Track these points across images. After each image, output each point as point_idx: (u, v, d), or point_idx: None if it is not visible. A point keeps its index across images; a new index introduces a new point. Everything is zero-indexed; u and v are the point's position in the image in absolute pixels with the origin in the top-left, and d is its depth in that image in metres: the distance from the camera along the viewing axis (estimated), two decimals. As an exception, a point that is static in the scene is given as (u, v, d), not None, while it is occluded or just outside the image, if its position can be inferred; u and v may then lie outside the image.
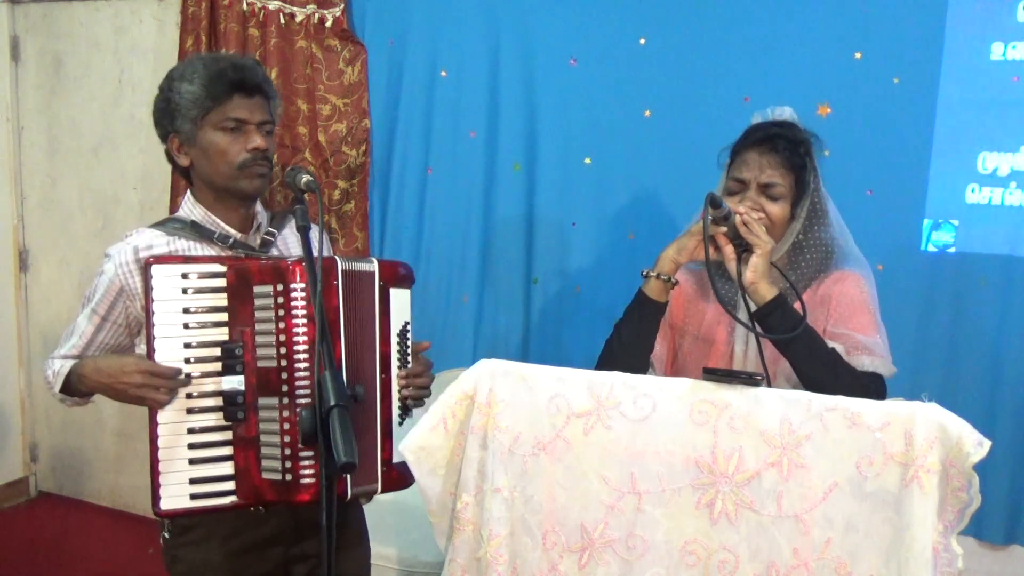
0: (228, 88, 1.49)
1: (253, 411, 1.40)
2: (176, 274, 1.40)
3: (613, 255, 2.51)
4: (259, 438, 1.39)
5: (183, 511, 1.40)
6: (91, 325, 1.54)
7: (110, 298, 1.52)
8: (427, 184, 2.71)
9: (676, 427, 1.24)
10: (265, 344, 1.39)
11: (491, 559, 1.28)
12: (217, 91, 1.49)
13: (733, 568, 1.21)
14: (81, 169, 3.37)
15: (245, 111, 1.51)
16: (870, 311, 1.54)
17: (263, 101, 1.54)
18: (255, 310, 1.40)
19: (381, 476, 1.49)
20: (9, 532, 3.34)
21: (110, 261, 1.51)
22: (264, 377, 1.39)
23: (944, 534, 1.13)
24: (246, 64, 1.53)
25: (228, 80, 1.49)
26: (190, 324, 1.40)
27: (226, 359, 1.40)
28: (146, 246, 1.51)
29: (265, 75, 1.57)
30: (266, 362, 1.39)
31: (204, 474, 1.40)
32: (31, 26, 3.38)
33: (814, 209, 1.58)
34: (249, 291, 1.40)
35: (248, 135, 1.51)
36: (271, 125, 1.56)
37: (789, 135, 1.56)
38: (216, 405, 1.41)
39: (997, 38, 2.13)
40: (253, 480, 1.39)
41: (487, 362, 1.32)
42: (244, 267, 1.42)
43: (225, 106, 1.50)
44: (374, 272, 1.51)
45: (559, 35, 2.50)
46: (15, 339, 3.56)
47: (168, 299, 1.39)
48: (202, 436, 1.40)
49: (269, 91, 1.56)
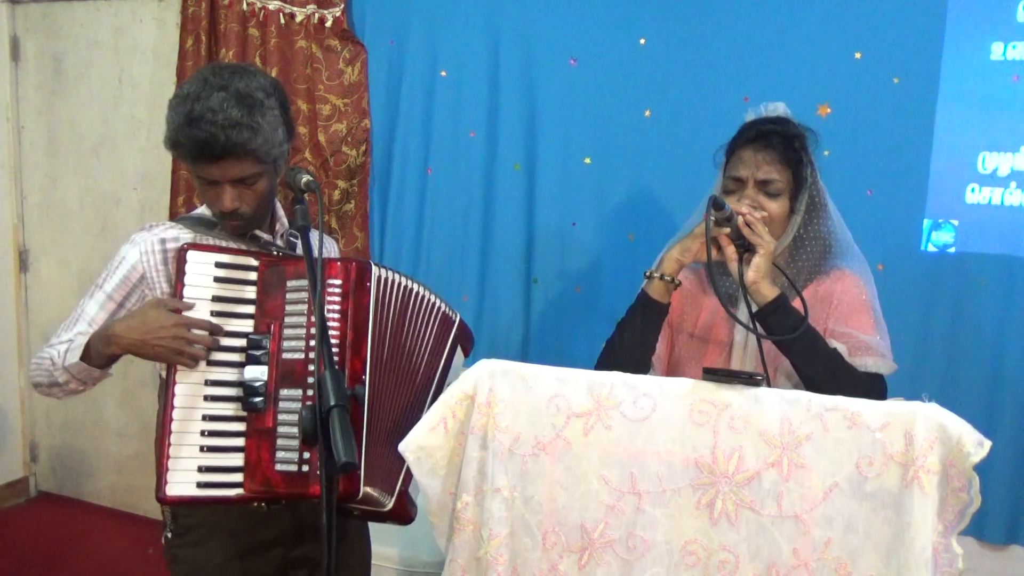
0: (190, 156, 1.42)
1: (273, 402, 1.40)
2: (210, 262, 1.42)
3: (613, 255, 2.51)
4: (276, 429, 1.39)
5: (188, 499, 1.39)
6: (103, 312, 1.50)
7: (129, 285, 1.51)
8: (427, 184, 2.71)
9: (676, 427, 1.24)
10: (294, 336, 1.40)
11: (491, 559, 1.28)
12: (181, 155, 1.44)
13: (733, 568, 1.21)
14: (81, 169, 3.37)
15: (215, 172, 1.42)
16: (871, 310, 1.54)
17: (238, 160, 1.41)
18: (286, 303, 1.41)
19: (396, 496, 1.49)
20: (9, 532, 3.34)
21: (134, 248, 1.50)
22: (289, 369, 1.40)
23: (944, 534, 1.13)
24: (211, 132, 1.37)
25: (188, 151, 1.41)
26: (216, 312, 1.42)
27: (251, 349, 1.42)
28: (173, 238, 1.51)
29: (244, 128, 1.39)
30: (292, 354, 1.40)
31: (214, 463, 1.39)
32: (31, 26, 3.38)
33: (813, 202, 1.58)
34: (282, 285, 1.42)
35: (221, 194, 1.44)
36: (255, 175, 1.45)
37: (783, 130, 1.56)
38: (234, 395, 1.42)
39: (997, 38, 2.13)
40: (265, 471, 1.39)
41: (487, 362, 1.32)
42: (278, 261, 1.45)
43: (196, 164, 1.43)
44: (455, 322, 1.65)
45: (559, 35, 2.50)
46: (15, 339, 3.56)
47: (199, 285, 1.41)
48: (216, 424, 1.40)
49: (248, 146, 1.40)
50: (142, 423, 3.37)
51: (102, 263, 1.56)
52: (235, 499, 1.40)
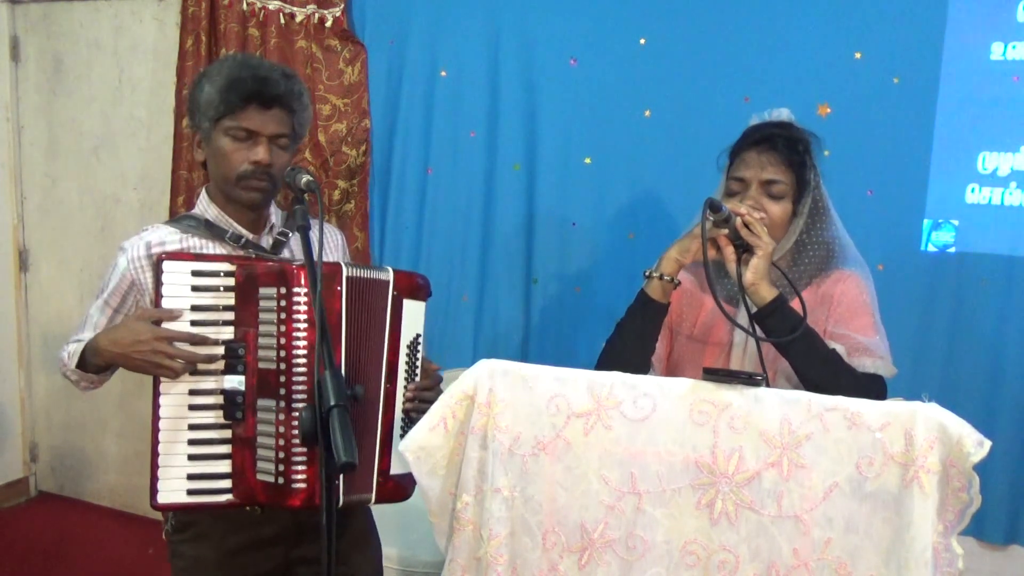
0: (243, 97, 1.47)
1: (252, 412, 1.40)
2: (186, 271, 1.41)
3: (613, 255, 2.51)
4: (256, 439, 1.40)
5: (179, 505, 1.42)
6: (103, 316, 1.56)
7: (121, 291, 1.54)
8: (427, 184, 2.71)
9: (676, 427, 1.24)
10: (266, 346, 1.40)
11: (491, 559, 1.28)
12: (231, 98, 1.47)
13: (733, 568, 1.21)
14: (81, 169, 3.37)
15: (257, 122, 1.49)
16: (870, 312, 1.54)
17: (283, 114, 1.51)
18: (259, 311, 1.41)
19: (376, 486, 1.49)
20: (9, 532, 3.34)
21: (123, 255, 1.53)
22: (264, 379, 1.40)
23: (944, 534, 1.13)
24: (270, 75, 1.49)
25: (245, 89, 1.47)
26: (197, 321, 1.41)
27: (229, 358, 1.41)
28: (159, 242, 1.52)
29: (294, 89, 1.53)
30: (266, 363, 1.40)
31: (202, 470, 1.40)
32: (31, 26, 3.38)
33: (816, 207, 1.59)
34: (255, 292, 1.41)
35: (255, 146, 1.50)
36: (287, 139, 1.53)
37: (787, 134, 1.56)
38: (218, 403, 1.42)
39: (997, 38, 2.13)
40: (248, 480, 1.40)
41: (487, 362, 1.32)
42: (252, 268, 1.43)
43: (238, 114, 1.48)
44: (388, 281, 1.51)
45: (559, 35, 2.50)
46: (15, 339, 3.56)
47: (177, 295, 1.41)
48: (202, 433, 1.41)
49: (293, 105, 1.52)
50: (142, 423, 3.36)
51: (102, 263, 1.58)
52: (225, 505, 1.42)
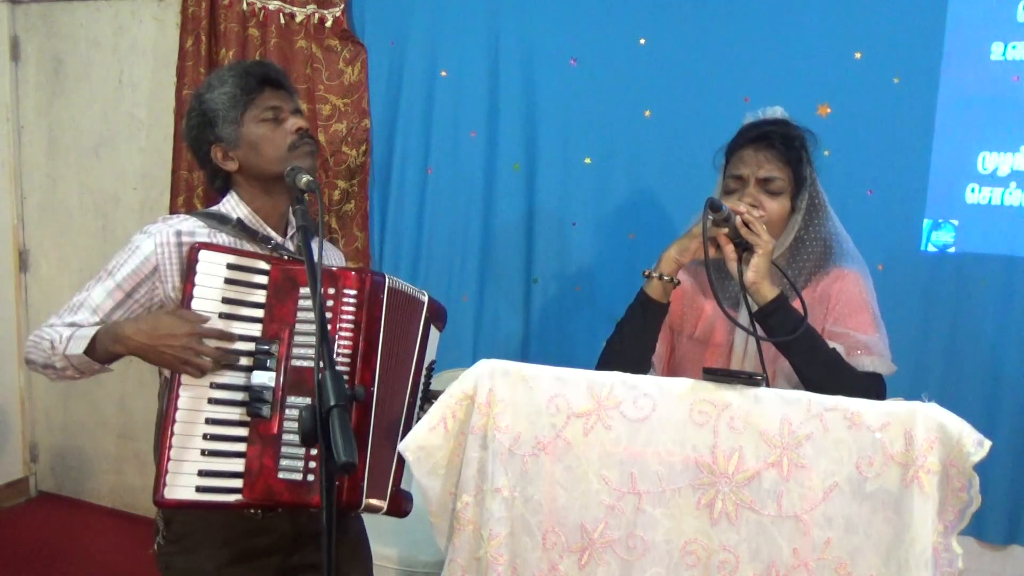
0: (258, 81, 1.55)
1: (279, 409, 1.39)
2: (222, 263, 1.41)
3: (613, 255, 2.51)
4: (281, 437, 1.38)
5: (186, 503, 1.38)
6: (110, 300, 1.48)
7: (140, 276, 1.48)
8: (427, 184, 2.70)
9: (676, 427, 1.23)
10: (304, 344, 1.40)
11: (491, 559, 1.28)
12: (250, 85, 1.54)
13: (733, 568, 1.21)
14: (81, 169, 3.37)
15: (277, 100, 1.56)
16: (869, 309, 1.55)
17: (288, 94, 1.61)
18: (298, 310, 1.41)
19: (390, 496, 1.49)
20: (9, 532, 3.34)
21: (149, 239, 1.48)
22: (298, 376, 1.39)
23: (944, 534, 1.13)
24: (265, 62, 1.73)
25: (256, 74, 1.56)
26: (224, 314, 1.41)
27: (259, 354, 1.41)
28: (189, 232, 1.50)
29: (283, 71, 1.66)
30: (302, 361, 1.39)
31: (215, 468, 1.38)
32: (31, 26, 3.38)
33: (813, 203, 1.59)
34: (294, 291, 1.41)
35: (286, 120, 1.56)
36: (301, 114, 1.62)
37: (783, 131, 1.57)
38: (238, 399, 1.40)
39: (997, 38, 2.13)
40: (268, 479, 1.38)
41: (487, 362, 1.32)
42: (291, 268, 1.44)
43: (259, 98, 1.54)
44: (423, 303, 1.58)
45: (559, 35, 2.50)
46: (15, 339, 3.56)
47: (209, 286, 1.40)
48: (220, 428, 1.39)
49: (290, 86, 1.63)
50: (142, 423, 3.37)
51: (102, 263, 1.55)
52: (234, 505, 1.39)
